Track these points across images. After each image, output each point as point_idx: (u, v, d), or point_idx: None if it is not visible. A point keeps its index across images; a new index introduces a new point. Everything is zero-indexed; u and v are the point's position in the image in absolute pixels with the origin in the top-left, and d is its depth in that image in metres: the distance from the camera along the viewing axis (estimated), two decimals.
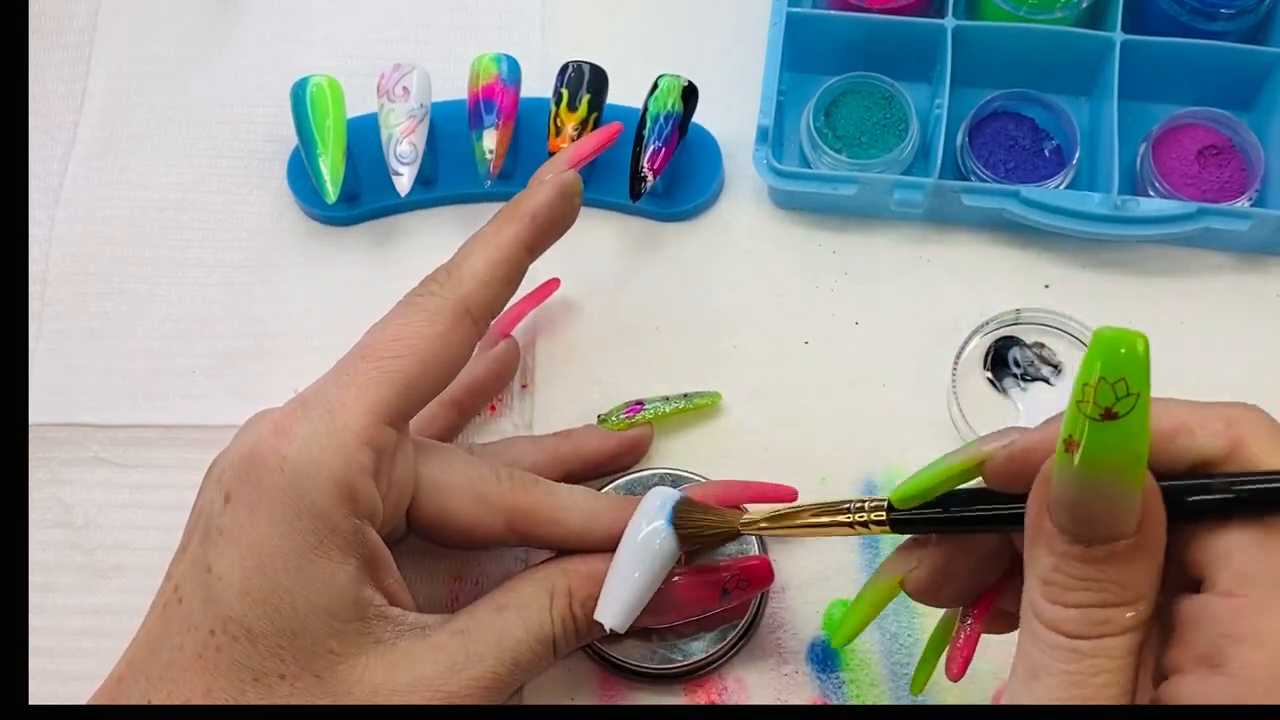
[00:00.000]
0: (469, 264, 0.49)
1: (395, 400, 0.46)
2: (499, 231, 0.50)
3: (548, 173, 0.52)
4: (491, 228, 0.50)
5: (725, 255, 0.62)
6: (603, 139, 0.55)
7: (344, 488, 0.44)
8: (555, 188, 0.51)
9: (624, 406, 0.58)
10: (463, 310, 0.48)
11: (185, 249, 0.64)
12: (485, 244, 0.50)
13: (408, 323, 0.48)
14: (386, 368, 0.46)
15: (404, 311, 0.48)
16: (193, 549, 0.45)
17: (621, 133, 0.56)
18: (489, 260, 0.49)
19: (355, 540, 0.45)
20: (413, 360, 0.47)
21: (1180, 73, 0.62)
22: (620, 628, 0.48)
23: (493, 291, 0.49)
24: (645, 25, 0.67)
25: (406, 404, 0.46)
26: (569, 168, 0.52)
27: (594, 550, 0.50)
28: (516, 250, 0.50)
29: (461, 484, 0.49)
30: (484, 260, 0.49)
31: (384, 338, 0.47)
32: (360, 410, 0.45)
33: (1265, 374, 0.59)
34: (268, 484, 0.44)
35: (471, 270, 0.49)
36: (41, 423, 0.60)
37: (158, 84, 0.67)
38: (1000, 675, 0.54)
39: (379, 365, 0.46)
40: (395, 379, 0.46)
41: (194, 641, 0.44)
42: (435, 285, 0.49)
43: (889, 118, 0.62)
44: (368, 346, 0.47)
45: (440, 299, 0.48)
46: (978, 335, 0.59)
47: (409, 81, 0.61)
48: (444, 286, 0.49)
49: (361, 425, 0.45)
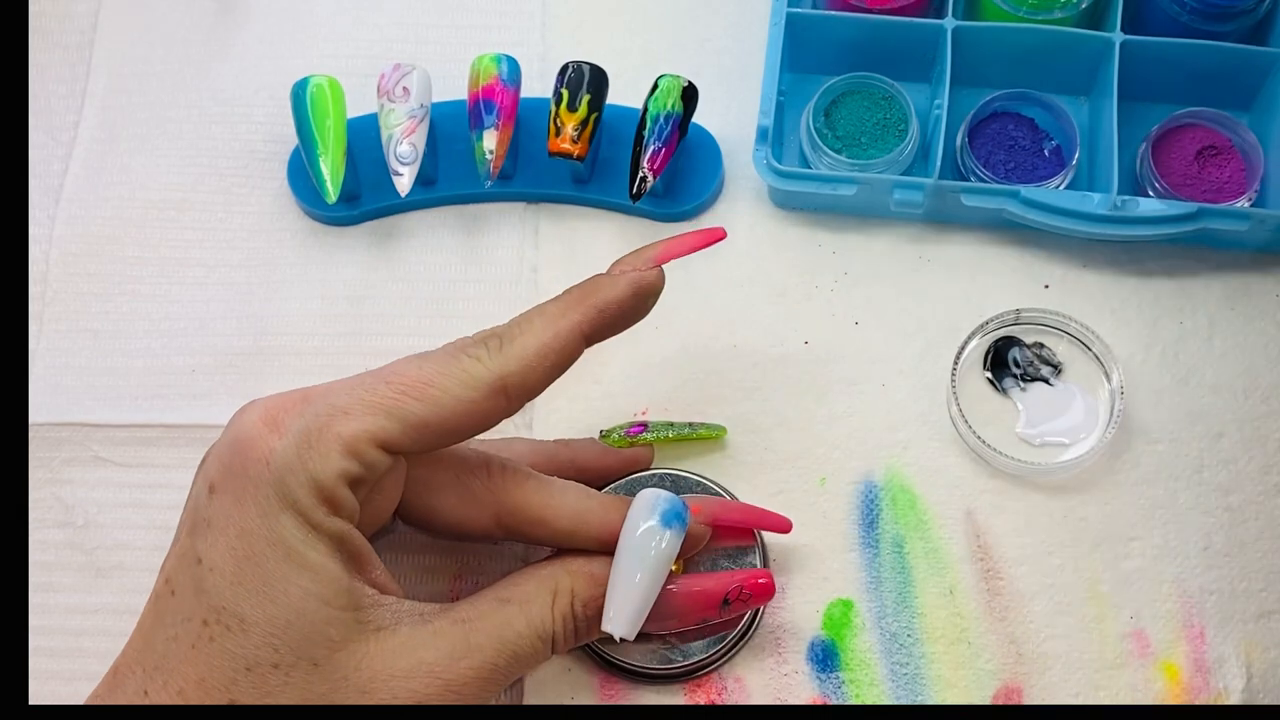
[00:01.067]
0: (522, 342, 0.48)
1: (398, 434, 0.45)
2: (562, 316, 0.49)
3: (631, 265, 0.50)
4: (557, 307, 0.49)
5: (725, 255, 0.62)
6: (701, 241, 0.52)
7: (322, 490, 0.44)
8: (633, 287, 0.50)
9: (627, 425, 0.58)
10: (500, 388, 0.47)
11: (185, 249, 0.64)
12: (546, 324, 0.48)
13: (445, 374, 0.46)
14: (404, 404, 0.45)
15: (447, 363, 0.47)
16: (182, 541, 0.45)
17: (723, 239, 0.53)
18: (542, 345, 0.48)
19: (338, 536, 0.45)
20: (432, 410, 0.46)
21: (1180, 73, 0.62)
22: (630, 635, 0.48)
23: (536, 377, 0.48)
24: (645, 25, 0.67)
25: (407, 443, 0.46)
26: (655, 264, 0.51)
27: (583, 550, 0.50)
28: (574, 340, 0.48)
29: (449, 479, 0.49)
30: (537, 344, 0.48)
31: (416, 375, 0.46)
32: (357, 425, 0.45)
33: (1264, 374, 0.59)
34: (253, 475, 0.44)
35: (523, 350, 0.47)
36: (41, 423, 0.60)
37: (158, 84, 0.67)
38: (1000, 674, 0.54)
39: (398, 398, 0.45)
40: (407, 417, 0.45)
41: (188, 632, 0.44)
42: (484, 352, 0.47)
43: (889, 118, 0.62)
44: (397, 374, 0.46)
45: (484, 369, 0.47)
46: (978, 335, 0.59)
47: (409, 81, 0.61)
48: (492, 358, 0.47)
49: (354, 438, 0.45)
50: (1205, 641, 0.55)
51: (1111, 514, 0.57)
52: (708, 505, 0.53)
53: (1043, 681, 0.54)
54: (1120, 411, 0.57)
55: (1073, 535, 0.56)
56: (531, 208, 0.64)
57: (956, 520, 0.57)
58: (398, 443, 0.45)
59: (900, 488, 0.57)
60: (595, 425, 0.58)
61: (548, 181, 0.63)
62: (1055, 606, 0.55)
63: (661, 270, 0.50)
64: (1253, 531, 0.56)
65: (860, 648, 0.55)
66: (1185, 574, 0.56)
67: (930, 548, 0.56)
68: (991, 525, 0.57)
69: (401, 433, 0.45)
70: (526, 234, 0.63)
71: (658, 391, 0.60)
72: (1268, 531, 0.56)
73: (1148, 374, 0.59)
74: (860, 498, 0.57)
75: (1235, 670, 0.54)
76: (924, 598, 0.55)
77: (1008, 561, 0.56)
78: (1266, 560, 0.56)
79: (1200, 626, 0.55)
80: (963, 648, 0.55)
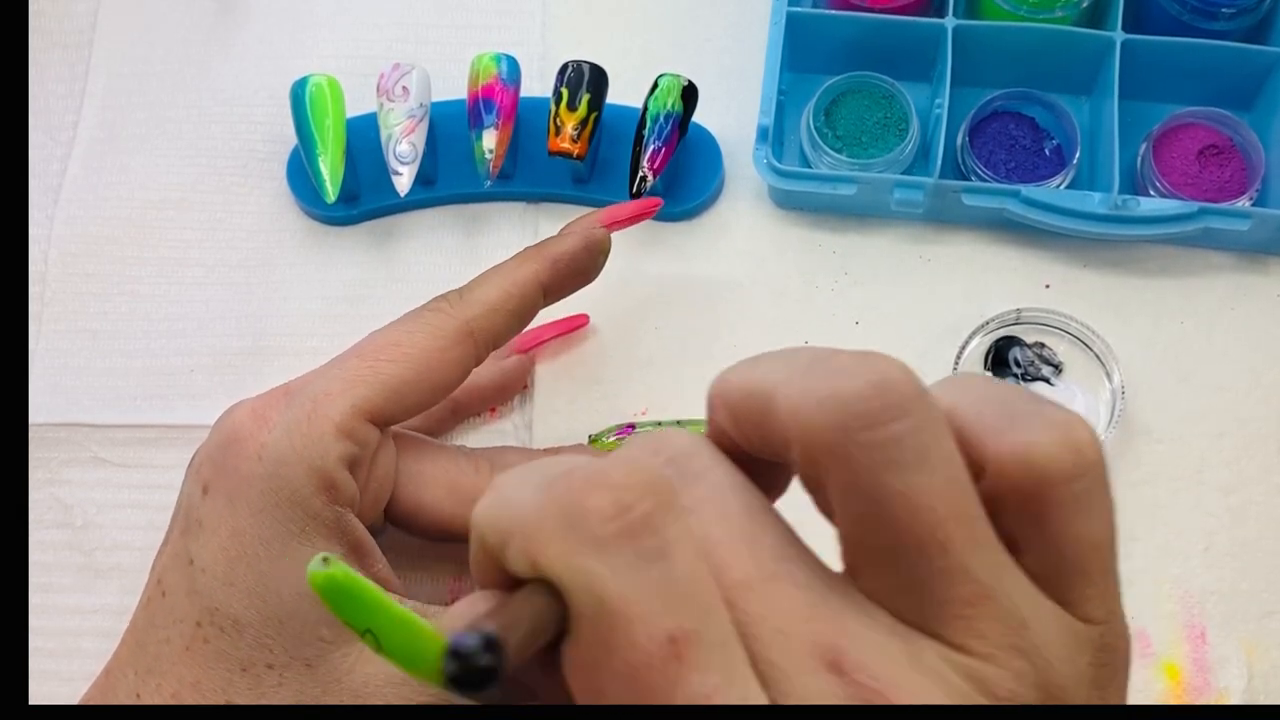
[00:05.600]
0: (481, 289, 0.50)
1: (381, 401, 0.46)
2: (518, 267, 0.51)
3: (577, 225, 0.53)
4: (512, 262, 0.51)
5: (725, 255, 0.62)
6: (640, 209, 0.56)
7: (322, 477, 0.44)
8: (582, 239, 0.52)
9: (615, 428, 0.58)
10: (466, 332, 0.48)
11: (184, 249, 0.63)
12: (501, 275, 0.51)
13: (409, 331, 0.48)
14: (379, 369, 0.46)
15: (407, 322, 0.48)
16: (173, 541, 0.45)
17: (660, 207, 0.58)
18: (502, 290, 0.50)
19: (338, 527, 0.45)
20: (407, 367, 0.47)
21: (1181, 72, 0.62)
22: None
23: (500, 320, 0.49)
24: (645, 25, 0.67)
25: (393, 407, 0.46)
26: (600, 225, 0.53)
27: None
28: (531, 287, 0.50)
29: (437, 474, 0.50)
30: (497, 289, 0.50)
31: (383, 341, 0.47)
32: (343, 403, 0.45)
33: (1265, 374, 0.59)
34: (245, 472, 0.44)
35: (483, 295, 0.49)
36: (41, 423, 0.60)
37: (157, 84, 0.67)
38: None
39: (372, 365, 0.46)
40: (386, 381, 0.46)
41: (181, 634, 0.44)
42: (444, 304, 0.49)
43: (889, 117, 0.62)
44: (364, 346, 0.47)
45: (446, 316, 0.48)
46: (978, 335, 0.59)
47: (409, 81, 0.60)
48: (453, 306, 0.49)
49: (342, 416, 0.45)
50: (1206, 641, 0.55)
51: None
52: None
53: None
54: (1121, 411, 0.57)
55: None
56: (531, 208, 0.64)
57: None
58: (382, 410, 0.46)
59: None
60: (595, 425, 0.58)
61: (548, 181, 0.63)
62: None
63: (608, 231, 0.53)
64: (1254, 531, 0.56)
65: None
66: (1186, 574, 0.56)
67: None
68: None
69: (384, 398, 0.46)
70: (526, 234, 0.63)
71: (657, 392, 0.59)
72: (1269, 531, 0.56)
73: (1148, 374, 0.59)
74: None
75: (1237, 670, 0.54)
76: None
77: None
78: (1268, 560, 0.56)
79: (1201, 627, 0.55)
80: None
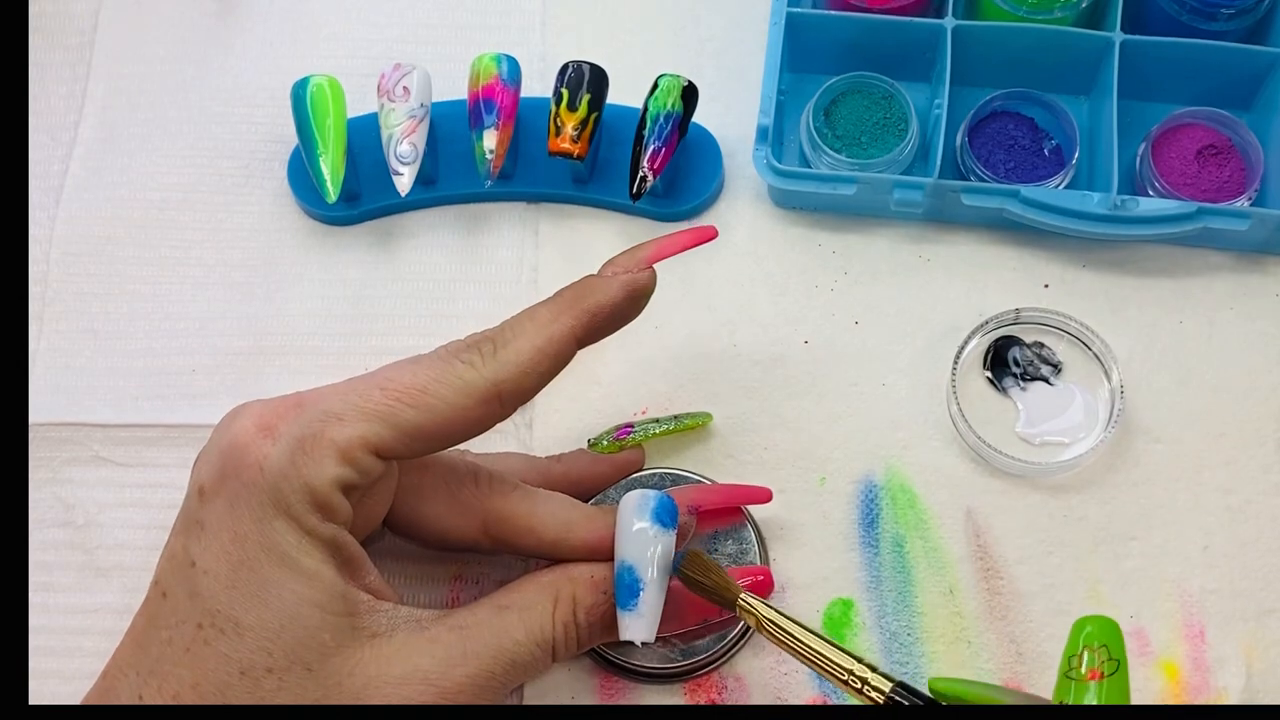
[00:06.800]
0: (516, 347, 0.47)
1: (392, 440, 0.45)
2: (554, 320, 0.48)
3: (623, 265, 0.50)
4: (549, 311, 0.49)
5: (725, 255, 0.62)
6: (692, 239, 0.52)
7: (318, 497, 0.44)
8: (625, 289, 0.49)
9: (613, 430, 0.58)
10: (494, 395, 0.47)
11: (185, 249, 0.64)
12: (538, 329, 0.48)
13: (439, 380, 0.46)
14: (398, 411, 0.45)
15: (441, 368, 0.47)
16: (174, 544, 0.45)
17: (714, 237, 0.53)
18: (535, 350, 0.47)
19: (332, 542, 0.45)
20: (427, 417, 0.46)
21: (1180, 72, 0.62)
22: (651, 639, 0.47)
23: (530, 382, 0.48)
24: (645, 25, 0.67)
25: (401, 448, 0.46)
26: (647, 265, 0.50)
27: (569, 560, 0.50)
28: (566, 344, 0.48)
29: (437, 486, 0.50)
30: (531, 349, 0.47)
31: (410, 381, 0.46)
32: (352, 432, 0.45)
33: (1265, 374, 0.59)
34: (247, 480, 0.44)
35: (517, 356, 0.47)
36: (42, 422, 0.60)
37: (158, 84, 0.67)
38: (1000, 674, 0.54)
39: (392, 405, 0.45)
40: (402, 425, 0.45)
41: (182, 635, 0.44)
42: (477, 358, 0.47)
43: (889, 117, 0.62)
44: (391, 380, 0.46)
45: (478, 375, 0.47)
46: (977, 335, 0.59)
47: (409, 81, 0.61)
48: (486, 364, 0.47)
49: (349, 444, 0.44)
50: (1205, 641, 0.55)
51: (1111, 514, 0.57)
52: (685, 494, 0.53)
53: (1043, 681, 0.54)
54: (1120, 411, 0.57)
55: (1072, 535, 0.56)
56: (531, 207, 0.64)
57: (956, 520, 0.57)
58: (392, 449, 0.45)
59: (900, 487, 0.57)
60: (596, 425, 0.58)
61: (548, 181, 0.63)
62: (1055, 606, 0.55)
63: (653, 271, 0.50)
64: (1252, 531, 0.56)
65: (860, 647, 0.55)
66: (1185, 573, 0.56)
67: (930, 547, 0.56)
68: (991, 525, 0.57)
69: (395, 439, 0.45)
70: (526, 234, 0.63)
71: (657, 392, 0.60)
72: (1267, 531, 0.56)
73: (1147, 373, 0.59)
74: (860, 497, 0.57)
75: (1235, 669, 0.54)
76: (924, 597, 0.55)
77: (1008, 561, 0.56)
78: (1266, 560, 0.56)
79: (1200, 626, 0.55)
80: (963, 647, 0.55)
